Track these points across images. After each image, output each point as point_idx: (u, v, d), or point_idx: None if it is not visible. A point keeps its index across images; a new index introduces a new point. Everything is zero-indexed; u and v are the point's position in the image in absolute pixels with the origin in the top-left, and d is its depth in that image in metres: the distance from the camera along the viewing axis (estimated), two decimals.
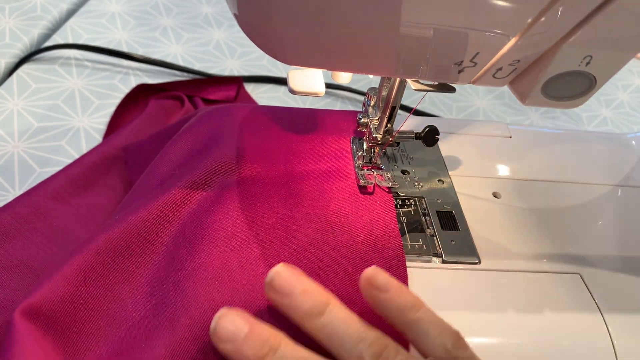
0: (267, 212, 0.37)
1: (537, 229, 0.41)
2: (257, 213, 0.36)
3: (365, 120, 0.40)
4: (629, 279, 0.39)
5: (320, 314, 0.29)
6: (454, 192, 0.42)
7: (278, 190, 0.38)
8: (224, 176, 0.38)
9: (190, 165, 0.40)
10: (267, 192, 0.38)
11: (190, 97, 0.56)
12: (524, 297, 0.36)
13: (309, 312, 0.29)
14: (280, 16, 0.27)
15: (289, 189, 0.38)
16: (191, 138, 0.42)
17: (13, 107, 0.53)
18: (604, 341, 0.35)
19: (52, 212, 0.42)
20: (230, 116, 0.43)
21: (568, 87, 0.32)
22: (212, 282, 0.33)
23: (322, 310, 0.29)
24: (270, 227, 0.36)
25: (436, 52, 0.29)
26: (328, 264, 0.34)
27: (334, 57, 0.30)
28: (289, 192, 0.38)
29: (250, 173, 0.39)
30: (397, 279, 0.34)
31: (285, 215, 0.37)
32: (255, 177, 0.38)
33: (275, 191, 0.38)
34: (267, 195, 0.38)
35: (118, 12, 0.67)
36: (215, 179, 0.38)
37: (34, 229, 0.40)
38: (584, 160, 0.48)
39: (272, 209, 0.37)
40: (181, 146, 0.41)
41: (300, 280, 0.30)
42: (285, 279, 0.30)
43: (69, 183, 0.44)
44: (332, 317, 0.29)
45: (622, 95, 0.73)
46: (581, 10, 0.26)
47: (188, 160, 0.40)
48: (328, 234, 0.36)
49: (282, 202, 0.37)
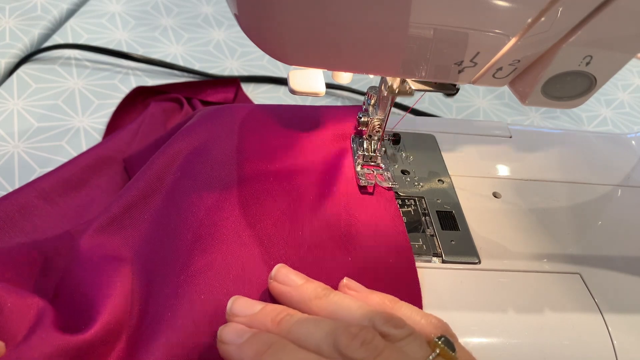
0: (270, 210, 0.37)
1: (537, 229, 0.41)
2: (258, 211, 0.36)
3: (366, 119, 0.40)
4: (629, 279, 0.39)
5: (325, 296, 0.31)
6: (454, 192, 0.42)
7: (279, 188, 0.38)
8: (224, 175, 0.38)
9: (191, 164, 0.40)
10: (267, 190, 0.38)
11: (188, 99, 0.56)
12: (524, 297, 0.36)
13: (314, 295, 0.31)
14: (281, 16, 0.27)
15: (290, 188, 0.38)
16: (191, 137, 0.42)
17: (13, 107, 0.53)
18: (604, 341, 0.35)
19: (38, 212, 0.42)
20: (230, 115, 0.43)
21: (568, 87, 0.32)
22: (225, 276, 0.33)
23: (327, 293, 0.31)
24: (275, 223, 0.36)
25: (436, 52, 0.29)
26: (332, 265, 0.34)
27: (334, 57, 0.30)
28: (290, 191, 0.38)
29: (251, 171, 0.39)
30: (407, 279, 0.35)
31: (287, 213, 0.37)
32: (255, 175, 0.38)
33: (276, 189, 0.38)
34: (268, 194, 0.37)
35: (118, 12, 0.67)
36: (215, 178, 0.38)
37: (16, 227, 0.40)
38: (584, 160, 0.48)
39: (275, 205, 0.37)
40: (181, 145, 0.41)
41: (301, 274, 0.33)
42: (288, 272, 0.33)
43: (60, 184, 0.44)
44: (336, 297, 0.31)
45: (622, 95, 0.73)
46: (581, 10, 0.26)
47: (188, 159, 0.40)
48: (329, 234, 0.36)
49: (284, 200, 0.37)
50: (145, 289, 0.35)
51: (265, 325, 0.30)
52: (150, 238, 0.37)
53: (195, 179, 0.38)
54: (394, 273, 0.35)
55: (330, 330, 0.28)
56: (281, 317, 0.30)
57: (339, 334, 0.27)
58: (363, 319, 0.29)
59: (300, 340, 0.28)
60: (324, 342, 0.28)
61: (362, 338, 0.27)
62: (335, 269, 0.34)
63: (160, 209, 0.38)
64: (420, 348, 0.28)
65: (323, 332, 0.28)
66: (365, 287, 0.33)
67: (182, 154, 0.41)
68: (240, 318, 0.30)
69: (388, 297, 0.32)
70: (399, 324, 0.29)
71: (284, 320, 0.29)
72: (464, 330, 0.33)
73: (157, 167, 0.40)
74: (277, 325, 0.29)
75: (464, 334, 0.33)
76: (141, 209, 0.38)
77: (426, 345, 0.29)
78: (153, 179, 0.39)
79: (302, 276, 0.33)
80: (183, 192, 0.38)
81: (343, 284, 0.33)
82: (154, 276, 0.35)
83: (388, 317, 0.29)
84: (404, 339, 0.28)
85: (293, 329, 0.29)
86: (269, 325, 0.29)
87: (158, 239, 0.37)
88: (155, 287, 0.34)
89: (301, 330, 0.29)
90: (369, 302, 0.32)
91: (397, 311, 0.31)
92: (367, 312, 0.30)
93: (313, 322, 0.29)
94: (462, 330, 0.33)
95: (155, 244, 0.37)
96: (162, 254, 0.36)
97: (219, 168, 0.39)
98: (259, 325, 0.30)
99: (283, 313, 0.30)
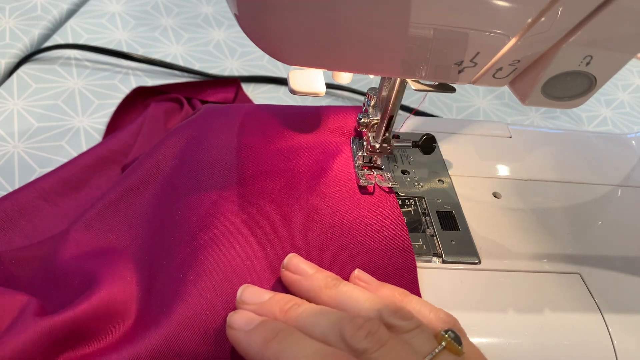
0: (270, 209, 0.37)
1: (537, 229, 0.41)
2: (257, 211, 0.36)
3: (366, 120, 0.40)
4: (629, 279, 0.39)
5: (335, 286, 0.32)
6: (454, 192, 0.42)
7: (278, 188, 0.38)
8: (223, 174, 0.38)
9: (190, 163, 0.40)
10: (267, 190, 0.38)
11: (188, 99, 0.56)
12: (524, 297, 0.36)
13: (324, 284, 0.32)
14: (281, 16, 0.27)
15: (290, 187, 0.38)
16: (190, 134, 0.42)
17: (13, 107, 0.53)
18: (604, 341, 0.35)
19: (38, 212, 0.42)
20: (230, 114, 0.43)
21: (568, 87, 0.32)
22: (231, 275, 0.33)
23: (337, 283, 0.32)
24: (275, 222, 0.36)
25: (436, 52, 0.29)
26: (332, 265, 0.34)
27: (334, 57, 0.30)
28: (290, 190, 0.38)
29: (250, 171, 0.39)
30: (407, 279, 0.35)
31: (288, 212, 0.37)
32: (254, 175, 0.38)
33: (276, 189, 0.38)
34: (267, 193, 0.37)
35: (118, 12, 0.67)
36: (214, 178, 0.38)
37: (16, 227, 0.40)
38: (584, 160, 0.48)
39: (274, 205, 0.37)
40: (178, 140, 0.41)
41: (312, 264, 0.34)
42: (300, 261, 0.33)
43: (60, 184, 0.44)
44: (346, 288, 0.32)
45: (622, 95, 0.73)
46: (581, 10, 0.26)
47: (187, 158, 0.40)
48: (330, 234, 0.36)
49: (284, 199, 0.37)
50: (147, 269, 0.35)
51: (273, 313, 0.30)
52: (148, 222, 0.37)
53: (194, 178, 0.38)
54: (394, 273, 0.35)
55: (337, 320, 0.28)
56: (289, 306, 0.30)
57: (345, 324, 0.28)
58: (371, 310, 0.30)
59: (307, 329, 0.29)
60: (330, 332, 0.28)
61: (367, 329, 0.27)
62: (336, 269, 0.34)
63: (155, 202, 0.38)
64: (427, 341, 0.28)
65: (329, 322, 0.28)
66: (377, 280, 0.34)
67: (180, 149, 0.41)
68: (249, 306, 0.31)
69: (398, 290, 0.33)
70: (407, 316, 0.29)
71: (291, 309, 0.30)
72: (464, 330, 0.34)
73: (154, 159, 0.40)
74: (284, 314, 0.30)
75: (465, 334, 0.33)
76: (138, 195, 0.39)
77: (433, 338, 0.29)
78: (151, 167, 0.40)
79: (313, 266, 0.33)
80: (181, 190, 0.38)
81: (354, 275, 0.34)
82: (155, 258, 0.35)
83: (396, 309, 0.30)
84: (410, 331, 0.29)
85: (300, 318, 0.29)
86: (277, 313, 0.30)
87: (157, 225, 0.37)
88: (161, 266, 0.35)
89: (308, 320, 0.29)
90: (379, 294, 0.32)
91: (407, 304, 0.32)
92: (376, 303, 0.30)
93: (320, 312, 0.30)
94: None
95: (154, 230, 0.37)
96: (160, 240, 0.36)
97: (218, 167, 0.39)
98: (267, 314, 0.30)
99: (291, 302, 0.30)
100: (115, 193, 0.38)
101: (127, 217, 0.38)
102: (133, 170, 0.40)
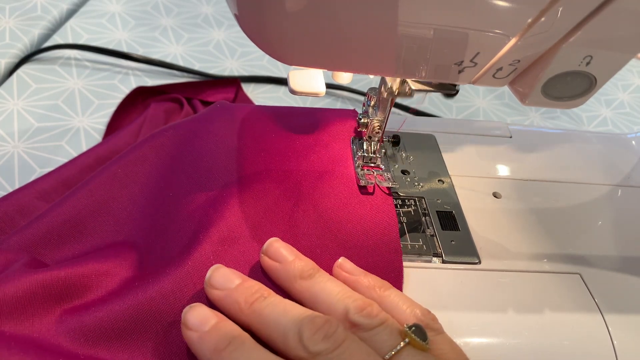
0: (269, 209, 0.37)
1: (537, 229, 0.41)
2: (257, 211, 0.36)
3: (366, 120, 0.40)
4: (629, 279, 0.39)
5: (311, 276, 0.32)
6: (454, 192, 0.42)
7: (278, 188, 0.38)
8: (223, 174, 0.38)
9: (190, 163, 0.40)
10: (267, 190, 0.38)
11: (188, 99, 0.56)
12: (524, 297, 0.36)
13: (300, 274, 0.32)
14: (281, 16, 0.27)
15: (289, 187, 0.38)
16: (191, 135, 0.42)
17: (13, 107, 0.53)
18: (604, 341, 0.35)
19: (39, 212, 0.42)
20: (230, 115, 0.43)
21: (568, 87, 0.32)
22: None
23: (312, 274, 0.32)
24: (274, 222, 0.36)
25: (436, 52, 0.29)
26: (330, 264, 0.34)
27: (334, 57, 0.30)
28: (290, 190, 0.38)
29: (250, 171, 0.39)
30: (394, 279, 0.35)
31: (287, 212, 0.37)
32: (254, 175, 0.38)
33: (276, 189, 0.38)
34: (267, 193, 0.37)
35: (118, 12, 0.67)
36: (214, 177, 0.38)
37: (16, 227, 0.40)
38: (584, 160, 0.48)
39: (274, 205, 0.37)
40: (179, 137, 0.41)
41: (293, 249, 0.33)
42: (280, 246, 0.33)
43: (60, 184, 0.44)
44: (321, 279, 0.32)
45: (622, 95, 0.73)
46: (581, 10, 0.27)
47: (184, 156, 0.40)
48: (329, 234, 0.36)
49: (284, 199, 0.37)
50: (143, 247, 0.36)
51: (238, 304, 0.30)
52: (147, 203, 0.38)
53: (192, 177, 0.38)
54: (380, 271, 0.35)
55: (297, 319, 0.28)
56: (255, 297, 0.30)
57: (304, 325, 0.28)
58: (338, 306, 0.30)
59: (268, 325, 0.29)
60: (290, 331, 0.28)
61: (325, 331, 0.28)
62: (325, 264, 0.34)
63: (153, 194, 0.39)
64: (389, 337, 0.29)
65: (290, 321, 0.29)
66: (361, 269, 0.34)
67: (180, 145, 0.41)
68: (216, 291, 0.31)
69: (379, 282, 0.33)
70: (372, 313, 0.29)
71: (256, 302, 0.30)
72: (464, 330, 0.34)
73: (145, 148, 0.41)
74: (249, 306, 0.30)
75: (464, 334, 0.33)
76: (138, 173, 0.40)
77: (397, 335, 0.29)
78: (155, 147, 0.40)
79: (292, 252, 0.33)
80: (181, 190, 0.38)
81: (338, 263, 0.34)
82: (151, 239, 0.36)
83: (362, 307, 0.30)
84: (373, 328, 0.29)
85: (263, 312, 0.29)
86: (242, 304, 0.30)
87: (150, 213, 0.38)
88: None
89: (270, 316, 0.29)
90: (360, 284, 0.32)
91: (385, 298, 0.32)
92: (345, 298, 0.30)
93: (283, 309, 0.30)
94: (462, 330, 0.33)
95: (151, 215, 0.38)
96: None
97: (217, 167, 0.39)
98: (232, 304, 0.30)
99: (257, 294, 0.30)
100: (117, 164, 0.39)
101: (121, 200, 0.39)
102: (135, 149, 0.40)
